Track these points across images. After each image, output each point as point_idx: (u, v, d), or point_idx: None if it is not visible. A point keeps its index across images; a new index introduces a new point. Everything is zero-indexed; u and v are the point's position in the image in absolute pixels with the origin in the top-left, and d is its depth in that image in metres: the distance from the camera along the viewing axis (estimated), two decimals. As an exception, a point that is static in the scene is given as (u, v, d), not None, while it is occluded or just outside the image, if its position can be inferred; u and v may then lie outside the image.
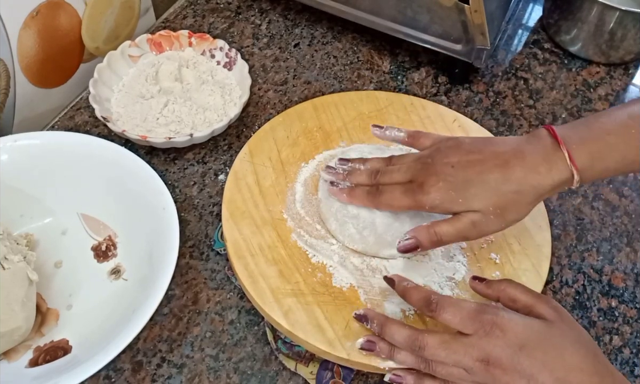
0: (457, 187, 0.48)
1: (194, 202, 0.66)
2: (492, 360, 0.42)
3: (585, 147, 0.48)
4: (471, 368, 0.42)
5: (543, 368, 0.41)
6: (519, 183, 0.47)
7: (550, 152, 0.48)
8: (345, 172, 0.55)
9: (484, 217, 0.48)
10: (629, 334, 0.59)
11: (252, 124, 0.73)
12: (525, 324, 0.43)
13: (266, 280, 0.51)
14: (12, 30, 0.64)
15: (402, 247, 0.49)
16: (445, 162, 0.49)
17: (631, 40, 0.80)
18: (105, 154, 0.59)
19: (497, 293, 0.47)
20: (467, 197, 0.48)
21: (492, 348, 0.42)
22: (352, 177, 0.55)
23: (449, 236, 0.49)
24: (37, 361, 0.52)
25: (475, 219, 0.48)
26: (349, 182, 0.55)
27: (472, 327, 0.43)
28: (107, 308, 0.55)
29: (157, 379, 0.54)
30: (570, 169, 0.47)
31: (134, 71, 0.74)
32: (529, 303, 0.45)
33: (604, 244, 0.66)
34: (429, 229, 0.49)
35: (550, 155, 0.48)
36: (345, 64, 0.81)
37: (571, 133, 0.48)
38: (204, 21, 0.85)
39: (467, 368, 0.42)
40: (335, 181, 0.55)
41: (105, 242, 0.60)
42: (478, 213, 0.48)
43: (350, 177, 0.55)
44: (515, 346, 0.41)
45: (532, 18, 0.91)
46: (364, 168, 0.55)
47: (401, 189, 0.51)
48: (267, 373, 0.55)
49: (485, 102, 0.78)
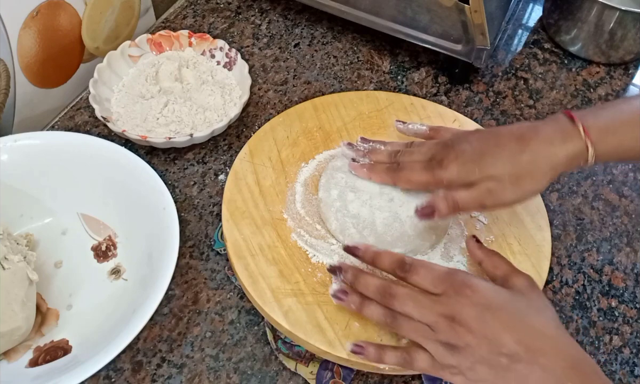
0: (473, 159, 0.50)
1: (194, 202, 0.66)
2: (457, 318, 0.42)
3: (599, 121, 0.49)
4: (436, 322, 0.43)
5: (506, 329, 0.42)
6: (533, 153, 0.49)
7: (566, 129, 0.49)
8: (366, 149, 0.57)
9: (499, 184, 0.49)
10: (629, 334, 0.59)
11: (252, 124, 0.73)
12: (494, 289, 0.45)
13: (266, 280, 0.51)
14: (12, 30, 0.64)
15: (420, 213, 0.51)
16: (464, 142, 0.52)
17: (631, 40, 0.80)
18: (105, 154, 0.59)
19: (483, 257, 0.50)
20: (482, 166, 0.49)
21: (459, 306, 0.43)
22: (372, 154, 0.57)
23: (466, 201, 0.50)
24: (37, 361, 0.52)
25: (491, 186, 0.49)
26: (369, 159, 0.56)
27: (442, 287, 0.44)
28: (107, 308, 0.55)
29: (157, 379, 0.54)
30: (584, 141, 0.48)
31: (134, 71, 0.74)
32: (507, 272, 0.48)
33: (604, 244, 0.66)
34: (446, 195, 0.50)
35: (565, 130, 0.49)
36: (345, 64, 0.81)
37: (587, 113, 0.50)
38: (204, 21, 0.85)
39: (432, 323, 0.43)
40: (356, 157, 0.57)
41: (105, 242, 0.60)
42: (493, 180, 0.49)
43: (371, 154, 0.57)
44: (482, 306, 0.43)
45: (532, 18, 0.91)
46: (384, 148, 0.57)
47: (420, 166, 0.53)
48: (267, 373, 0.55)
49: (485, 102, 0.78)
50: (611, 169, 0.72)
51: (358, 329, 0.49)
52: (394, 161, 0.55)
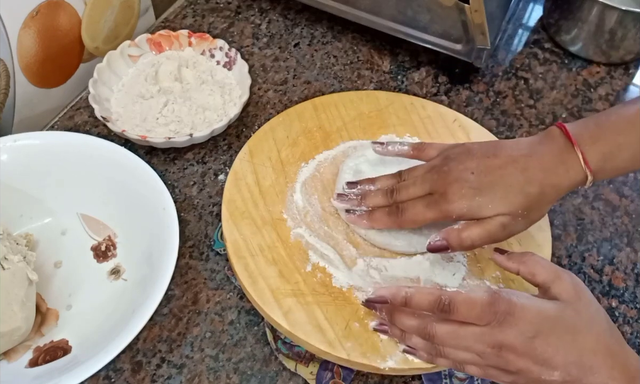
0: (482, 193, 0.48)
1: (193, 202, 0.66)
2: (505, 347, 0.42)
3: (597, 147, 0.49)
4: (483, 352, 0.43)
5: (556, 353, 0.41)
6: (540, 184, 0.48)
7: (565, 153, 0.49)
8: (358, 196, 0.55)
9: (513, 219, 0.48)
10: (629, 334, 0.59)
11: (252, 124, 0.73)
12: (538, 310, 0.43)
13: (266, 280, 0.51)
14: (12, 30, 0.64)
15: (432, 247, 0.50)
16: (462, 169, 0.50)
17: (631, 40, 0.79)
18: (105, 154, 0.59)
19: (517, 266, 0.48)
20: (494, 201, 0.48)
21: (504, 336, 0.42)
22: (367, 200, 0.54)
23: (481, 239, 0.49)
24: (37, 361, 0.52)
25: (504, 221, 0.48)
26: (365, 206, 0.54)
27: (486, 319, 0.43)
28: (107, 308, 0.55)
29: (157, 380, 0.53)
30: (584, 171, 0.48)
31: (133, 71, 0.74)
32: (549, 280, 0.45)
33: (604, 244, 0.65)
34: (460, 233, 0.49)
35: (565, 156, 0.49)
36: (345, 63, 0.81)
37: (583, 132, 0.49)
38: (204, 21, 0.85)
39: (479, 352, 0.43)
40: (351, 209, 0.55)
41: (105, 243, 0.60)
42: (507, 216, 0.48)
43: (365, 200, 0.54)
44: (529, 334, 0.42)
45: (533, 18, 0.91)
46: (375, 188, 0.55)
47: (423, 203, 0.51)
48: (267, 373, 0.54)
49: (485, 102, 0.78)
50: (611, 169, 0.72)
51: (358, 330, 0.49)
52: (392, 202, 0.53)
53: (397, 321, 0.47)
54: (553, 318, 0.43)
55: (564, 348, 0.41)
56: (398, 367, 0.47)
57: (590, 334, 0.42)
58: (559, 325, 0.42)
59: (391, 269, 0.53)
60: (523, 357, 0.42)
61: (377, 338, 0.48)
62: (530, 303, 0.43)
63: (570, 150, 0.49)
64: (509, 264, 0.49)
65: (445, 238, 0.49)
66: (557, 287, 0.45)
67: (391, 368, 0.47)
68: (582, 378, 0.41)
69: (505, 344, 0.42)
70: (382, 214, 0.53)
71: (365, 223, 0.54)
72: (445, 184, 0.50)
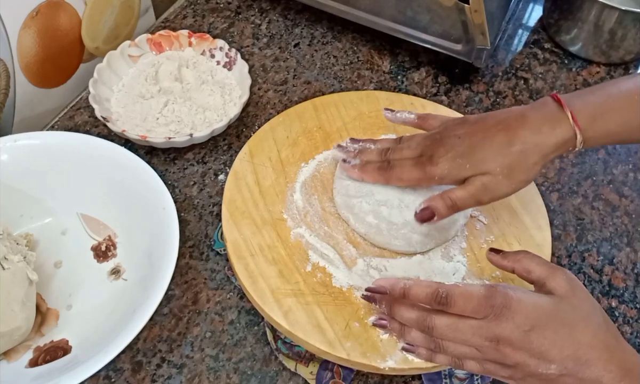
0: (463, 154, 0.50)
1: (194, 202, 0.66)
2: (502, 340, 0.42)
3: (587, 107, 0.49)
4: (481, 346, 0.43)
5: (553, 346, 0.41)
6: (522, 142, 0.49)
7: (553, 114, 0.49)
8: (356, 150, 0.57)
9: (493, 178, 0.49)
10: (629, 334, 0.59)
11: (252, 124, 0.73)
12: (534, 304, 0.43)
13: (266, 280, 0.51)
14: (12, 30, 0.64)
15: (418, 216, 0.51)
16: (452, 135, 0.51)
17: (631, 40, 0.79)
18: (105, 154, 0.59)
19: (512, 264, 0.48)
20: (474, 162, 0.49)
21: (501, 330, 0.42)
22: (363, 154, 0.56)
23: (463, 200, 0.50)
24: (37, 361, 0.52)
25: (485, 181, 0.49)
26: (360, 159, 0.56)
27: (483, 312, 0.43)
28: (107, 308, 0.55)
29: (157, 380, 0.54)
30: (573, 128, 0.48)
31: (133, 71, 0.74)
32: (543, 276, 0.46)
33: (604, 244, 0.66)
34: (442, 196, 0.50)
35: (553, 116, 0.49)
36: (345, 64, 0.81)
37: (575, 97, 0.50)
38: (204, 21, 0.85)
39: (478, 346, 0.43)
40: (347, 159, 0.57)
41: (105, 243, 0.60)
42: (487, 175, 0.49)
43: (361, 154, 0.56)
44: (525, 327, 0.42)
45: (532, 18, 0.91)
46: (374, 147, 0.57)
47: (411, 163, 0.53)
48: (267, 373, 0.55)
49: (485, 102, 0.78)
50: (611, 169, 0.72)
51: (358, 330, 0.49)
52: (384, 159, 0.55)
53: (397, 313, 0.47)
54: (549, 311, 0.43)
55: (560, 341, 0.42)
56: (398, 367, 0.47)
57: (586, 328, 0.42)
58: (555, 319, 0.43)
59: (391, 269, 0.53)
60: (519, 350, 0.42)
61: (377, 338, 0.48)
62: (526, 296, 0.44)
63: (559, 111, 0.49)
64: (504, 263, 0.49)
65: (429, 205, 0.50)
66: (552, 283, 0.45)
67: (391, 367, 0.47)
68: (579, 371, 0.41)
69: (502, 337, 0.42)
70: (372, 168, 0.55)
71: (356, 173, 0.56)
72: (433, 148, 0.52)
